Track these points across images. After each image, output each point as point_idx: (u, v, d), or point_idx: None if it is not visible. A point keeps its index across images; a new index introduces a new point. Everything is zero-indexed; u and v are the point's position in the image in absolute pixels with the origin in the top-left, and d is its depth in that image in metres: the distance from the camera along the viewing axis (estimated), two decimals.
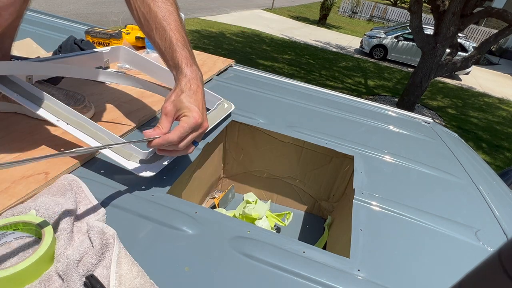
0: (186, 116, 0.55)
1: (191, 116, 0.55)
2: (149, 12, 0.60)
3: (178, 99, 0.56)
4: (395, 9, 17.07)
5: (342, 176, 0.93)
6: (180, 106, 0.55)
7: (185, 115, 0.55)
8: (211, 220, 0.54)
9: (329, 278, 0.48)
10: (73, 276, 0.39)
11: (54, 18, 1.48)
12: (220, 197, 0.98)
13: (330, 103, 1.16)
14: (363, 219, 0.62)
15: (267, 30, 9.93)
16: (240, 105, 0.95)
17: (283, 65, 6.88)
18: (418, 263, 0.55)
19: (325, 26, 13.07)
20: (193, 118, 0.55)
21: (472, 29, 14.15)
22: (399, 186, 0.75)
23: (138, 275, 0.42)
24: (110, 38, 1.15)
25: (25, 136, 0.64)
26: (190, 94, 0.57)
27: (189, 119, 0.55)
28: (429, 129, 1.14)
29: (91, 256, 0.42)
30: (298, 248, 0.52)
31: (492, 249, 0.61)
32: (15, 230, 0.44)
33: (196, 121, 0.55)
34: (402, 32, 9.06)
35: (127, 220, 0.51)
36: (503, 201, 0.81)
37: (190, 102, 0.56)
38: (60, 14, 1.79)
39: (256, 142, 0.97)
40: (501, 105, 7.53)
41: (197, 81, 0.59)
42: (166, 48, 0.60)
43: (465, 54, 7.64)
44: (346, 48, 10.03)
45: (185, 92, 0.56)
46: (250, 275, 0.46)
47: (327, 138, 0.89)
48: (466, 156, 1.00)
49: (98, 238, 0.44)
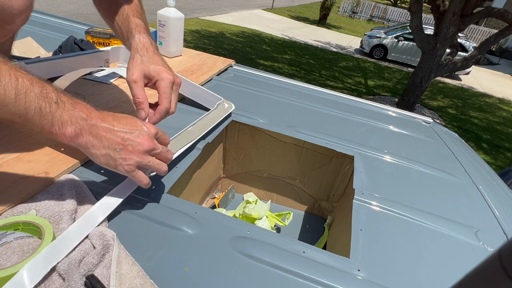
0: (159, 80, 0.56)
1: (165, 78, 0.56)
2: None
3: (141, 65, 0.56)
4: (395, 9, 17.06)
5: (342, 176, 0.93)
6: (146, 71, 0.56)
7: (157, 79, 0.56)
8: (211, 220, 0.54)
9: (329, 278, 0.48)
10: (74, 276, 0.39)
11: (54, 18, 1.48)
12: (220, 197, 0.98)
13: (330, 103, 1.16)
14: (363, 219, 0.62)
15: (267, 30, 9.93)
16: (240, 105, 0.95)
17: (283, 65, 6.88)
18: (418, 263, 0.55)
19: (325, 26, 13.07)
20: (167, 79, 0.56)
21: (472, 29, 14.15)
22: (399, 186, 0.75)
23: (138, 275, 0.42)
24: (110, 38, 1.15)
25: (25, 136, 0.63)
26: (150, 56, 0.57)
27: (164, 81, 0.56)
28: (429, 129, 1.14)
29: (92, 256, 0.42)
30: (298, 248, 0.52)
31: (492, 249, 0.61)
32: (15, 230, 0.44)
33: (170, 80, 0.56)
34: (402, 32, 9.06)
35: (127, 220, 0.51)
36: (503, 201, 0.81)
37: (154, 63, 0.57)
38: (60, 14, 1.79)
39: (256, 142, 0.97)
40: (501, 105, 7.53)
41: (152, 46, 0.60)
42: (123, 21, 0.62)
43: (465, 54, 7.64)
44: (346, 48, 10.03)
45: (145, 56, 0.57)
46: (250, 275, 0.46)
47: (327, 138, 0.89)
48: (466, 156, 1.00)
49: (98, 239, 0.44)
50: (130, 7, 0.64)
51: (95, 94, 0.85)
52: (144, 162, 0.47)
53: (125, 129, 0.46)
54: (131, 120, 0.48)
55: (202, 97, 0.90)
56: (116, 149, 0.45)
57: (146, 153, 0.47)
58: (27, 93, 0.40)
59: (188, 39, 6.88)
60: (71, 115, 0.44)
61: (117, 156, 0.46)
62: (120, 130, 0.46)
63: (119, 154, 0.46)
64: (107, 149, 0.45)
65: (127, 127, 0.46)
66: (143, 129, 0.47)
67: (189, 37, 7.09)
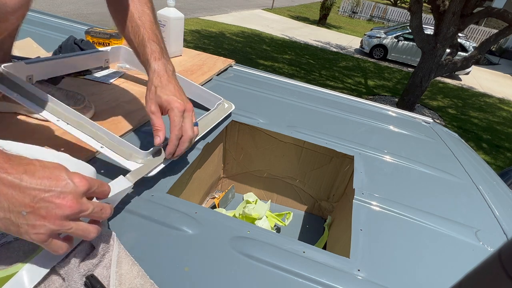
0: (169, 110, 0.59)
1: (175, 108, 0.58)
2: (126, 11, 0.65)
3: (155, 96, 0.60)
4: (395, 9, 17.06)
5: (342, 176, 0.93)
6: (160, 102, 0.59)
7: (168, 109, 0.59)
8: (211, 220, 0.54)
9: (329, 278, 0.48)
10: (74, 276, 0.39)
11: (54, 18, 1.48)
12: (220, 197, 0.98)
13: (330, 103, 1.16)
14: (363, 219, 0.62)
15: (267, 30, 9.93)
16: (240, 105, 0.95)
17: (283, 65, 6.88)
18: (418, 263, 0.55)
19: (325, 26, 13.07)
20: (177, 108, 0.59)
21: (472, 29, 14.15)
22: (399, 186, 0.75)
23: (138, 275, 0.42)
24: (110, 38, 1.15)
25: (25, 136, 0.64)
26: (163, 86, 0.61)
27: (173, 111, 0.58)
28: (429, 129, 1.14)
29: (91, 256, 0.42)
30: (298, 248, 0.52)
31: (492, 249, 0.61)
32: None
33: (180, 109, 0.59)
34: (402, 32, 9.06)
35: (127, 220, 0.51)
36: (503, 201, 0.81)
37: (167, 94, 0.60)
38: (60, 14, 1.79)
39: (256, 142, 0.97)
40: (501, 105, 7.53)
41: (166, 73, 0.63)
42: (139, 45, 0.65)
43: (465, 54, 7.64)
44: (346, 48, 10.03)
45: (158, 87, 0.60)
46: (250, 275, 0.46)
47: (327, 138, 0.89)
48: (466, 156, 1.00)
49: (99, 238, 0.44)
50: (145, 27, 0.65)
51: (95, 94, 0.85)
52: (62, 229, 0.35)
53: (40, 185, 0.34)
54: (53, 172, 0.36)
55: (202, 97, 0.90)
56: (20, 212, 0.34)
57: (67, 218, 0.35)
58: None
59: (188, 39, 6.88)
60: None
61: (21, 222, 0.34)
62: (32, 186, 0.34)
63: (25, 219, 0.34)
64: (7, 212, 0.33)
65: (43, 182, 0.34)
66: (67, 185, 0.35)
67: (189, 37, 7.08)
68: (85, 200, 0.37)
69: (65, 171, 0.37)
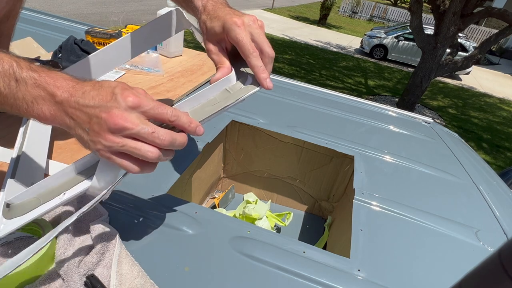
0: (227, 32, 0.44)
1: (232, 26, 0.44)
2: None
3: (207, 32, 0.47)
4: (395, 9, 17.06)
5: (342, 176, 0.93)
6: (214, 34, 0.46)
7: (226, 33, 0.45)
8: (211, 220, 0.54)
9: (329, 278, 0.48)
10: (73, 276, 0.39)
11: (54, 18, 1.48)
12: (220, 197, 0.98)
13: (330, 103, 1.16)
14: (363, 219, 0.62)
15: (267, 30, 9.92)
16: (240, 105, 0.94)
17: (284, 65, 6.88)
18: (418, 263, 0.55)
19: (325, 26, 13.06)
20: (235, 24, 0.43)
21: (472, 29, 14.14)
22: (399, 186, 0.75)
23: (138, 275, 0.42)
24: (110, 38, 1.15)
25: None
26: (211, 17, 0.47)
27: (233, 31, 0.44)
28: (430, 129, 1.14)
29: (91, 256, 0.42)
30: (298, 248, 0.52)
31: (492, 249, 0.61)
32: None
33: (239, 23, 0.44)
34: (402, 32, 9.06)
35: (128, 220, 0.51)
36: (503, 201, 0.81)
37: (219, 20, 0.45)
38: (60, 14, 1.79)
39: (256, 142, 0.97)
40: (501, 105, 7.53)
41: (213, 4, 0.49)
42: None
43: (465, 54, 7.64)
44: (347, 48, 10.03)
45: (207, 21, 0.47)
46: (250, 275, 0.46)
47: (327, 138, 0.89)
48: (466, 156, 1.00)
49: (100, 237, 0.44)
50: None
51: None
52: (114, 146, 0.35)
53: (91, 102, 0.35)
54: (104, 90, 0.36)
55: None
56: (85, 129, 0.36)
57: (115, 133, 0.35)
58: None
59: (188, 39, 6.86)
60: (35, 93, 0.36)
61: (87, 139, 0.36)
62: (86, 104, 0.35)
63: (88, 136, 0.36)
64: (79, 130, 0.36)
65: (95, 99, 0.35)
66: (112, 100, 0.35)
67: (189, 37, 7.08)
68: (135, 117, 0.35)
69: (120, 88, 0.36)
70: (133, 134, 0.35)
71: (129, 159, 0.37)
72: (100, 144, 0.35)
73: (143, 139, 0.36)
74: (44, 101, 0.36)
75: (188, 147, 0.74)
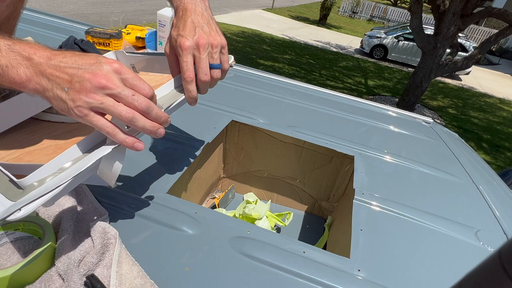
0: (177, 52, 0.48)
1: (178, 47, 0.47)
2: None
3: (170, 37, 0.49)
4: (395, 9, 17.05)
5: (342, 176, 0.93)
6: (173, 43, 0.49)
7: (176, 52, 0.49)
8: (211, 220, 0.54)
9: (329, 278, 0.48)
10: (73, 276, 0.39)
11: (55, 18, 1.48)
12: (220, 197, 0.98)
13: (330, 103, 1.16)
14: (363, 219, 0.62)
15: (267, 30, 9.92)
16: (240, 105, 0.95)
17: (283, 65, 6.88)
18: (418, 263, 0.55)
19: (325, 26, 13.06)
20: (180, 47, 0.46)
21: (472, 29, 14.14)
22: (399, 186, 0.75)
23: (138, 275, 0.42)
24: (110, 38, 1.15)
25: (25, 136, 0.63)
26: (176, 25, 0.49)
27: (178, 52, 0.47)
28: (429, 129, 1.14)
29: (91, 256, 0.42)
30: (298, 248, 0.52)
31: (492, 249, 0.61)
32: (15, 230, 0.44)
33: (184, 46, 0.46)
34: (402, 32, 9.06)
35: (127, 220, 0.51)
36: (503, 201, 0.81)
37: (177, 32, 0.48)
38: (60, 14, 1.79)
39: (256, 142, 0.97)
40: (501, 105, 7.53)
41: (187, 10, 0.50)
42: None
43: (465, 54, 7.64)
44: (346, 48, 10.03)
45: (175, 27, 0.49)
46: (250, 275, 0.46)
47: (327, 138, 0.89)
48: (466, 156, 1.00)
49: (100, 237, 0.44)
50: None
51: None
52: (94, 102, 0.37)
53: (74, 64, 0.38)
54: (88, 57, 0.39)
55: None
56: (64, 89, 0.37)
57: (97, 91, 0.37)
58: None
59: None
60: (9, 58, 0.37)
61: (65, 97, 0.37)
62: (68, 65, 0.38)
63: (68, 95, 0.37)
64: (57, 90, 0.38)
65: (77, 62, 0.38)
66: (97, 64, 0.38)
67: None
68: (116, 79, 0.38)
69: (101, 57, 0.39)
70: (113, 94, 0.38)
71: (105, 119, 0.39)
72: (80, 101, 0.37)
73: (122, 101, 0.38)
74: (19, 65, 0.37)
75: (188, 147, 0.74)
